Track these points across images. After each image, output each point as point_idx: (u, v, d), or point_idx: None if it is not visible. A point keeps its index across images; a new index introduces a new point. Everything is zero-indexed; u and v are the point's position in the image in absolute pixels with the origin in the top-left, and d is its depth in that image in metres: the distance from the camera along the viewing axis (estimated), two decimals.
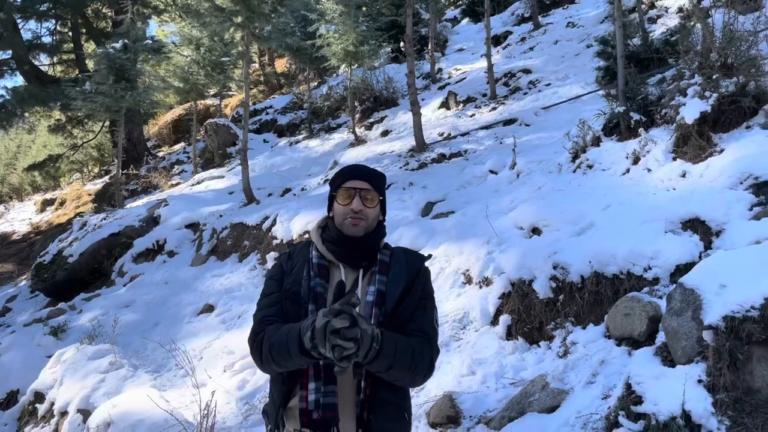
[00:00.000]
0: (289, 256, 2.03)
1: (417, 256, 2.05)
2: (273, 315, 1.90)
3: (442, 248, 5.47)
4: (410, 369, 1.77)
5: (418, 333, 1.86)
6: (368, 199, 1.93)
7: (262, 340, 1.82)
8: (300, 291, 1.89)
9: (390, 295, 1.88)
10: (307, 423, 1.80)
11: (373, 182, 1.98)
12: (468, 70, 12.44)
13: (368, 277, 1.93)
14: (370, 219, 1.93)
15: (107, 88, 10.59)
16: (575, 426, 3.21)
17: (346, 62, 10.50)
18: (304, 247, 2.05)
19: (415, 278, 1.95)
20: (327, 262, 1.95)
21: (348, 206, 1.90)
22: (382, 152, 9.21)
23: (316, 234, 2.02)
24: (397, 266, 1.96)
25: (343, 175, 1.99)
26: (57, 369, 5.72)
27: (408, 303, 1.88)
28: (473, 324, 4.61)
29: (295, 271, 1.95)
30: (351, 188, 1.92)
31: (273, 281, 1.99)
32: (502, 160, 6.97)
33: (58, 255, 9.94)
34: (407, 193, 7.18)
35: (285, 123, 14.82)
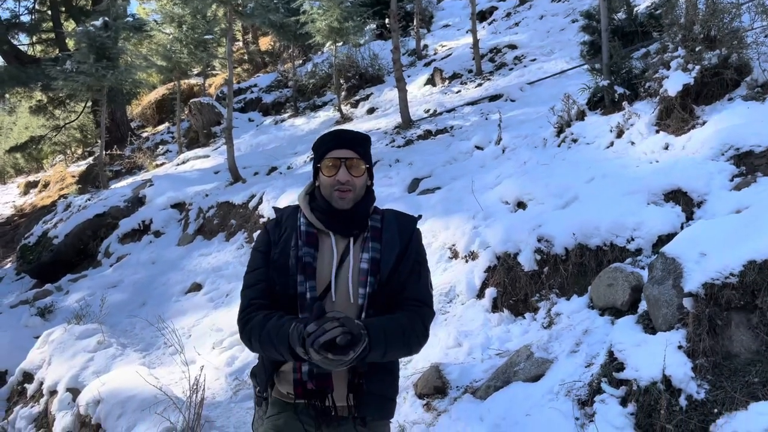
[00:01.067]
0: (277, 223, 1.98)
1: (409, 219, 2.02)
2: (260, 297, 1.86)
3: (429, 224, 5.50)
4: (404, 346, 1.80)
5: (413, 301, 1.87)
6: (355, 168, 1.87)
7: (250, 336, 1.80)
8: (288, 262, 1.85)
9: (385, 263, 1.86)
10: (302, 393, 1.81)
11: (358, 149, 1.90)
12: (454, 47, 12.37)
13: (360, 244, 1.90)
14: (358, 188, 1.88)
15: (88, 66, 10.41)
16: (559, 393, 3.27)
17: (330, 39, 10.40)
18: (293, 213, 1.99)
19: (408, 242, 1.93)
20: (316, 230, 1.91)
21: (334, 177, 1.84)
22: (369, 129, 9.17)
23: (304, 201, 1.97)
24: (390, 231, 1.93)
25: (326, 143, 1.91)
26: (45, 349, 5.72)
27: (402, 269, 1.87)
28: (459, 297, 4.66)
29: (283, 240, 1.90)
30: (336, 158, 1.86)
31: (259, 254, 1.94)
32: (487, 136, 6.98)
33: (43, 236, 9.86)
34: (393, 169, 7.18)
35: (270, 101, 14.70)
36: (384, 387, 1.90)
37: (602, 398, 3.01)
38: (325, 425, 1.84)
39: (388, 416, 1.96)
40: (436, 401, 3.74)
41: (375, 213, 1.99)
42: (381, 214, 1.99)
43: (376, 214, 1.98)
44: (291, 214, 1.99)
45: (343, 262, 1.87)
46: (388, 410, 1.94)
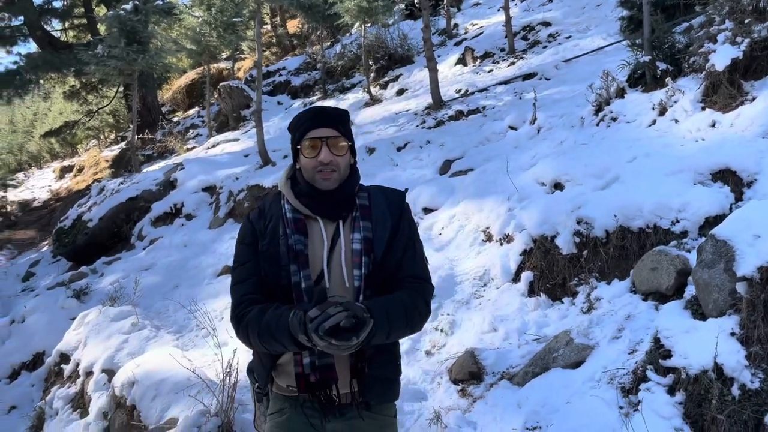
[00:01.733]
0: (260, 213, 1.88)
1: (396, 193, 1.94)
2: (253, 292, 1.78)
3: (462, 206, 5.38)
4: (407, 325, 1.73)
5: (411, 279, 1.80)
6: (337, 147, 1.78)
7: (247, 328, 1.71)
8: (278, 251, 1.77)
9: (378, 241, 1.79)
10: (305, 387, 1.74)
11: (339, 127, 1.81)
12: (485, 25, 12.10)
13: (350, 225, 1.82)
14: (342, 168, 1.79)
15: (119, 51, 10.47)
16: (601, 381, 3.16)
17: (359, 19, 10.24)
18: (275, 201, 1.90)
19: (399, 218, 1.85)
20: (303, 216, 1.82)
21: (315, 159, 1.75)
22: (398, 111, 9.04)
23: (286, 187, 1.87)
24: (379, 208, 1.85)
25: (304, 123, 1.81)
26: (81, 331, 5.80)
27: (397, 246, 1.80)
28: (494, 281, 4.55)
29: (270, 230, 1.81)
30: (316, 138, 1.76)
31: (245, 247, 1.85)
32: (521, 116, 6.79)
33: (77, 220, 10.02)
34: (424, 151, 7.06)
35: (298, 84, 14.62)
36: (386, 369, 1.83)
37: (648, 386, 2.90)
38: (331, 415, 1.78)
39: (393, 398, 1.90)
40: (471, 387, 3.66)
41: (361, 191, 1.90)
42: (367, 192, 1.90)
43: (362, 192, 1.89)
44: (274, 201, 1.90)
45: (334, 246, 1.79)
46: (392, 392, 1.88)
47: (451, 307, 4.45)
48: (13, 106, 33.26)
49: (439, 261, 4.83)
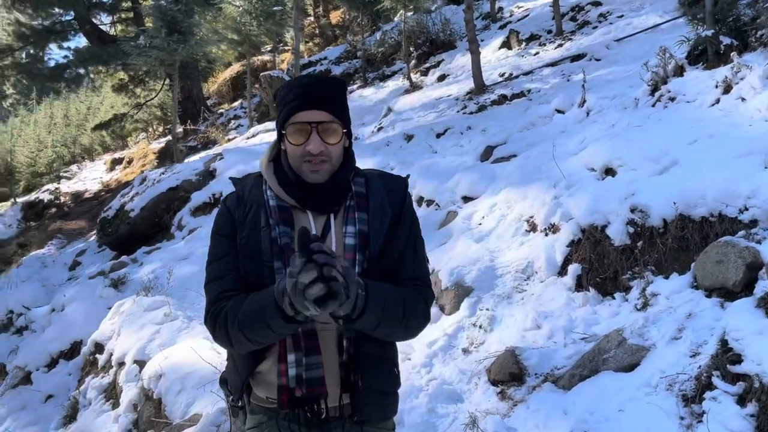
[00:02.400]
0: (239, 200, 1.59)
1: (397, 180, 1.65)
2: (232, 288, 1.50)
3: (504, 194, 5.05)
4: (402, 323, 1.47)
5: (412, 281, 1.54)
6: (330, 133, 1.49)
7: (226, 321, 1.44)
8: (260, 245, 1.50)
9: (374, 235, 1.52)
10: (288, 401, 1.47)
11: (333, 108, 1.50)
12: (531, 7, 11.60)
13: (343, 215, 1.55)
14: (335, 157, 1.51)
15: (160, 41, 10.49)
16: (659, 387, 2.82)
17: (400, 3, 9.93)
18: (256, 185, 1.61)
19: (401, 209, 1.58)
20: (288, 204, 1.55)
21: (303, 147, 1.47)
22: (439, 97, 8.73)
23: (269, 171, 1.59)
24: (377, 197, 1.58)
25: (291, 101, 1.50)
26: (115, 320, 5.76)
27: (396, 242, 1.54)
28: (538, 274, 4.22)
29: (249, 220, 1.53)
30: (305, 123, 1.47)
31: (222, 238, 1.56)
32: (569, 98, 6.38)
33: (120, 210, 10.11)
34: (465, 137, 6.74)
35: (339, 73, 14.43)
36: (383, 381, 1.57)
37: (714, 395, 2.55)
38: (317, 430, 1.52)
39: (391, 413, 1.63)
40: (511, 389, 3.36)
41: (357, 176, 1.62)
42: (364, 177, 1.62)
43: (358, 177, 1.62)
44: (254, 185, 1.62)
45: (324, 241, 1.51)
46: (390, 406, 1.62)
47: (491, 301, 4.15)
48: (68, 101, 34.39)
49: (478, 252, 4.53)
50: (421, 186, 6.05)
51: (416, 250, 1.61)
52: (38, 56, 17.64)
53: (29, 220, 19.60)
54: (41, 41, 16.50)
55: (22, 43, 16.42)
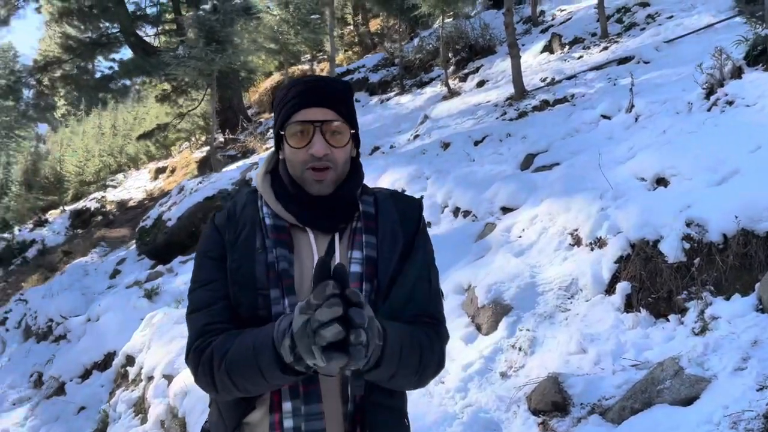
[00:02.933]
0: (229, 218, 1.37)
1: (410, 202, 1.44)
2: (220, 320, 1.27)
3: (545, 205, 4.76)
4: (417, 373, 1.24)
5: (425, 318, 1.32)
6: (335, 135, 1.29)
7: (211, 362, 1.22)
8: (254, 271, 1.28)
9: (384, 262, 1.31)
10: None
11: (339, 107, 1.31)
12: (574, 10, 11.22)
13: (349, 238, 1.34)
14: (340, 164, 1.31)
15: (198, 51, 10.55)
16: (721, 424, 2.51)
17: (438, 8, 9.72)
18: (250, 202, 1.39)
19: (414, 234, 1.37)
20: (287, 223, 1.34)
21: (305, 150, 1.28)
22: (477, 103, 8.46)
23: (265, 184, 1.38)
24: (388, 218, 1.36)
25: (291, 100, 1.31)
26: (147, 332, 5.69)
27: (408, 272, 1.31)
28: (583, 292, 3.92)
29: (242, 241, 1.31)
30: (307, 122, 1.28)
31: (210, 261, 1.34)
32: (616, 103, 6.04)
33: (158, 219, 10.18)
34: (504, 145, 6.46)
35: (376, 81, 14.30)
36: (392, 424, 1.33)
37: None
38: None
39: None
40: (554, 420, 3.08)
41: (365, 194, 1.41)
42: (373, 196, 1.41)
43: (366, 195, 1.41)
44: (248, 202, 1.40)
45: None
46: None
47: (531, 321, 3.87)
48: (116, 111, 35.43)
49: (518, 267, 4.25)
50: (457, 196, 5.81)
51: (430, 282, 1.39)
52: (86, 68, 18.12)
53: (76, 228, 20.12)
54: (88, 53, 16.94)
55: (70, 56, 16.89)
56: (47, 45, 29.84)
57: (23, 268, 17.22)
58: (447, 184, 6.01)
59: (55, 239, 19.36)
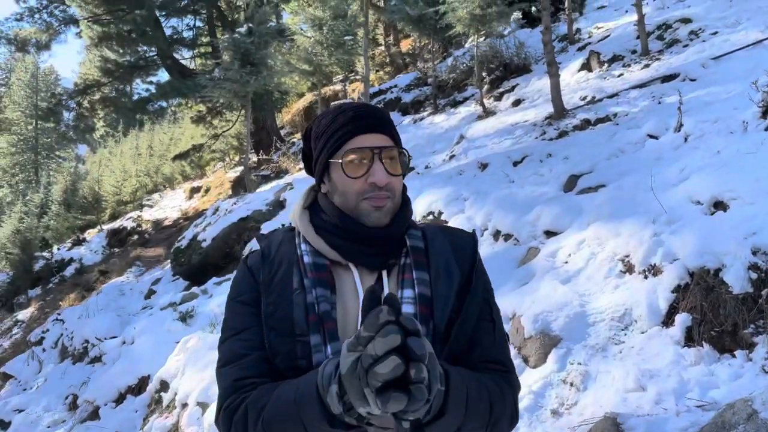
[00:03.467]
0: (263, 257, 1.25)
1: (463, 236, 1.32)
2: (254, 374, 1.14)
3: (592, 229, 4.55)
4: (487, 427, 1.09)
5: (491, 364, 1.18)
6: (393, 162, 1.21)
7: (245, 420, 1.08)
8: (291, 314, 1.15)
9: (440, 301, 1.17)
10: None
11: (392, 132, 1.25)
12: (612, 27, 10.99)
13: (397, 276, 1.21)
14: (397, 194, 1.23)
15: (233, 73, 10.65)
16: None
17: (472, 27, 9.62)
18: (287, 240, 1.28)
19: (471, 270, 1.23)
20: (328, 260, 1.22)
21: (365, 179, 1.18)
22: (515, 122, 8.28)
23: (304, 220, 1.28)
24: (440, 253, 1.24)
25: (343, 127, 1.22)
26: (181, 357, 5.62)
27: (469, 312, 1.18)
28: (638, 324, 3.69)
29: (277, 282, 1.19)
30: (366, 149, 1.19)
31: (241, 307, 1.21)
32: (662, 122, 5.81)
33: (193, 240, 10.21)
34: (545, 165, 6.26)
35: (409, 101, 14.24)
36: None
37: None
38: None
39: None
40: None
41: (412, 227, 1.29)
42: (421, 230, 1.29)
43: (413, 229, 1.29)
44: (284, 240, 1.28)
45: None
46: None
47: (582, 354, 3.65)
48: (152, 132, 36.25)
49: (566, 296, 4.04)
50: (497, 219, 5.62)
51: (494, 322, 1.25)
52: (124, 90, 18.54)
53: (113, 247, 20.47)
54: (127, 76, 17.34)
55: (109, 79, 17.30)
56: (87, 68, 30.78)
57: (61, 286, 17.53)
58: (486, 206, 5.83)
59: (92, 258, 19.71)
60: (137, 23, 15.36)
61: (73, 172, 26.05)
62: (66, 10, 16.93)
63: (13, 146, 31.31)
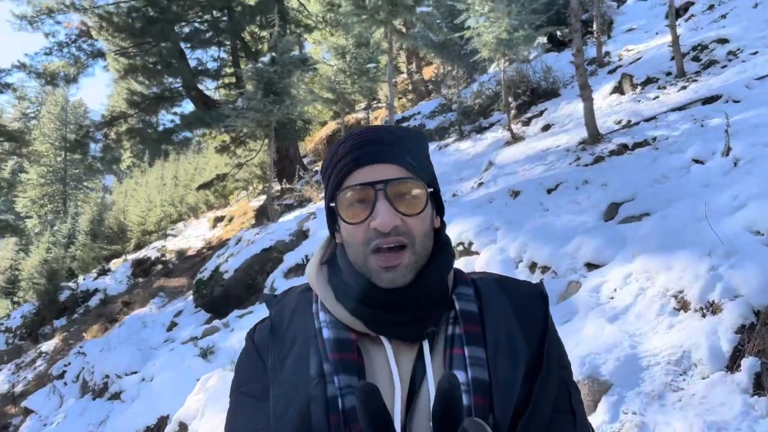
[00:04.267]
0: (273, 330, 0.98)
1: (528, 291, 1.01)
2: None
3: (640, 262, 4.21)
4: None
5: None
6: (406, 199, 0.93)
7: None
8: (308, 413, 0.86)
9: (502, 389, 0.88)
10: None
11: (407, 159, 0.95)
12: (643, 50, 10.71)
13: (443, 352, 0.92)
14: (419, 242, 0.93)
15: (257, 102, 10.60)
16: None
17: (498, 52, 9.42)
18: (302, 306, 1.00)
19: (542, 340, 0.94)
20: (353, 333, 0.94)
21: (365, 224, 0.92)
22: (546, 148, 7.99)
23: (321, 280, 1.00)
24: (500, 319, 0.95)
25: (342, 157, 0.96)
26: (201, 397, 5.35)
27: (541, 403, 0.88)
28: (698, 368, 3.33)
29: (289, 367, 0.92)
30: (365, 185, 0.92)
31: (247, 401, 0.94)
32: (708, 146, 5.47)
33: (215, 271, 10.03)
34: (582, 192, 5.94)
35: (433, 127, 14.05)
36: None
37: None
38: None
39: None
40: None
41: (460, 283, 1.00)
42: (473, 285, 1.00)
43: (462, 285, 0.99)
44: (299, 306, 1.00)
45: (416, 396, 0.89)
46: None
47: (636, 402, 3.29)
48: (177, 163, 36.74)
49: (615, 336, 3.70)
50: (533, 250, 5.31)
51: (574, 414, 0.95)
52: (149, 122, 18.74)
53: (137, 277, 20.51)
54: (152, 107, 17.50)
55: (135, 110, 17.49)
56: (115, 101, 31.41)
57: (85, 317, 17.53)
58: (520, 237, 5.52)
59: (117, 288, 19.75)
60: (162, 55, 15.54)
61: (99, 202, 26.38)
62: (93, 44, 17.25)
63: (43, 177, 31.94)
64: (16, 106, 39.17)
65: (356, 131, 1.00)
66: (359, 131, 0.99)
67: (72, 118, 32.11)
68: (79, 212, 26.92)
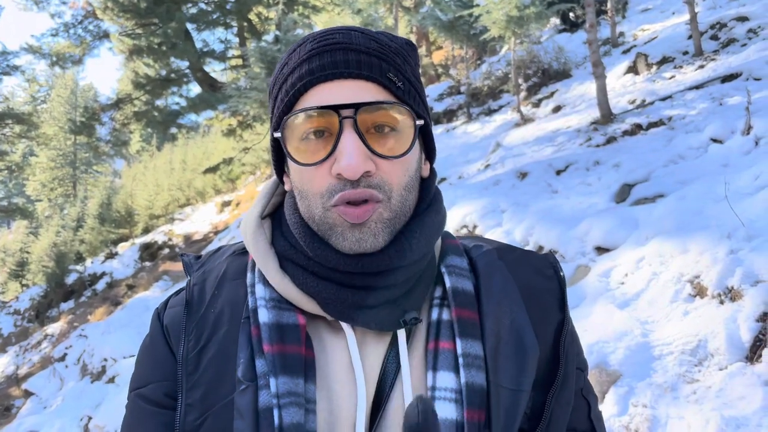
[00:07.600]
0: (189, 309, 0.71)
1: (539, 265, 0.74)
2: None
3: (653, 245, 3.96)
4: None
5: None
6: (385, 133, 0.65)
7: None
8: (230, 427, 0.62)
9: (505, 400, 0.62)
10: None
11: (386, 75, 0.66)
12: (659, 29, 10.33)
13: (425, 346, 0.67)
14: (396, 193, 0.67)
15: (260, 82, 10.36)
16: None
17: (508, 30, 9.10)
18: (231, 274, 0.73)
19: (558, 333, 0.69)
20: (303, 317, 0.68)
21: (325, 167, 0.66)
22: (556, 129, 7.70)
23: (260, 240, 0.72)
24: (504, 303, 0.67)
25: (296, 66, 0.67)
26: None
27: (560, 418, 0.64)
28: (715, 358, 3.09)
29: (207, 364, 0.67)
30: (322, 109, 0.64)
31: (146, 408, 0.69)
32: (727, 125, 5.18)
33: None
34: (593, 174, 5.67)
35: (441, 110, 13.75)
36: None
37: None
38: None
39: None
40: None
41: (451, 251, 0.74)
42: (467, 254, 0.74)
43: (453, 255, 0.74)
44: (227, 275, 0.74)
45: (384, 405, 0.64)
46: None
47: (648, 394, 3.06)
48: (186, 147, 36.64)
49: (625, 323, 3.47)
50: (540, 233, 5.06)
51: (589, 405, 0.72)
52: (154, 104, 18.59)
53: (144, 261, 20.48)
54: (157, 90, 17.32)
55: (140, 92, 17.32)
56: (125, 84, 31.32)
57: (91, 300, 17.52)
58: (527, 219, 5.28)
59: (124, 272, 19.74)
60: (168, 36, 15.32)
61: (108, 186, 26.34)
62: (99, 24, 17.06)
63: (53, 161, 31.94)
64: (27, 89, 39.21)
65: (320, 31, 0.72)
66: (323, 31, 0.71)
67: (81, 101, 32.02)
68: (88, 196, 26.91)
